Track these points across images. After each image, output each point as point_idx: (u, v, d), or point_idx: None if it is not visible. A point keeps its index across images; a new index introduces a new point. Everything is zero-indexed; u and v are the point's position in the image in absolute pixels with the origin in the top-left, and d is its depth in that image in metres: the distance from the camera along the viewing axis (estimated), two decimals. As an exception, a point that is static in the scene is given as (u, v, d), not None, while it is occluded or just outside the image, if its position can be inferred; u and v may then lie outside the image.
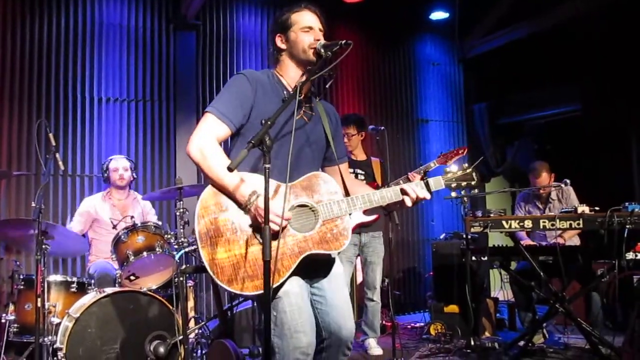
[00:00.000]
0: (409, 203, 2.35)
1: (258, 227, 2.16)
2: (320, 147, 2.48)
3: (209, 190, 2.23)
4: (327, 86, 2.48)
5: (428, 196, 2.37)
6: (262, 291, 2.12)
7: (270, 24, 2.76)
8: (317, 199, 2.27)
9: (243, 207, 2.19)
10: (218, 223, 2.19)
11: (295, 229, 2.23)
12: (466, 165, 2.53)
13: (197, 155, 2.22)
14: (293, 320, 2.19)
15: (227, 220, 2.20)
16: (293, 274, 2.22)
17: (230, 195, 2.20)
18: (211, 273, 2.15)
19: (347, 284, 3.73)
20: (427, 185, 2.40)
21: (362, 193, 2.34)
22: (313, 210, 2.27)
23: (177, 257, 3.87)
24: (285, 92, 2.37)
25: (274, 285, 2.14)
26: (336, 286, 2.40)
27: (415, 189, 2.35)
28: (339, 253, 2.33)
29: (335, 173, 2.52)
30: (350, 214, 2.32)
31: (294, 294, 2.22)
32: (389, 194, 2.34)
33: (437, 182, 2.44)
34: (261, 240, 2.15)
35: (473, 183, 2.50)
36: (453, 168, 2.51)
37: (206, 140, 2.23)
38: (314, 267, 2.32)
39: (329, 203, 2.26)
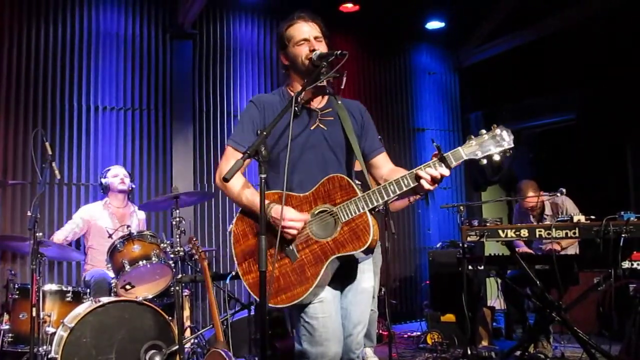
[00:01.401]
0: (427, 186, 2.18)
1: (283, 239, 2.24)
2: (344, 150, 2.48)
3: (237, 217, 2.39)
4: (342, 87, 2.46)
5: (446, 172, 2.16)
6: (296, 301, 2.24)
7: (275, 42, 2.84)
8: (335, 202, 2.28)
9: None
10: (249, 244, 2.35)
11: (318, 235, 2.27)
12: (495, 125, 2.19)
13: (220, 184, 2.35)
14: (325, 328, 2.26)
15: (256, 240, 2.30)
16: (322, 281, 2.25)
17: (255, 212, 2.29)
18: (252, 293, 2.33)
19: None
20: (444, 160, 2.17)
21: (378, 187, 2.28)
22: (332, 214, 2.28)
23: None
24: (297, 107, 2.34)
25: (305, 295, 2.22)
26: (360, 301, 2.44)
27: (430, 170, 2.17)
28: (367, 250, 2.26)
29: (374, 168, 2.54)
30: (372, 210, 2.28)
31: (327, 302, 2.29)
32: (405, 181, 2.23)
33: (456, 155, 2.18)
34: (287, 253, 2.27)
35: (505, 144, 2.16)
36: (482, 131, 2.19)
37: (225, 169, 2.29)
38: (341, 274, 2.35)
39: (347, 204, 2.26)
